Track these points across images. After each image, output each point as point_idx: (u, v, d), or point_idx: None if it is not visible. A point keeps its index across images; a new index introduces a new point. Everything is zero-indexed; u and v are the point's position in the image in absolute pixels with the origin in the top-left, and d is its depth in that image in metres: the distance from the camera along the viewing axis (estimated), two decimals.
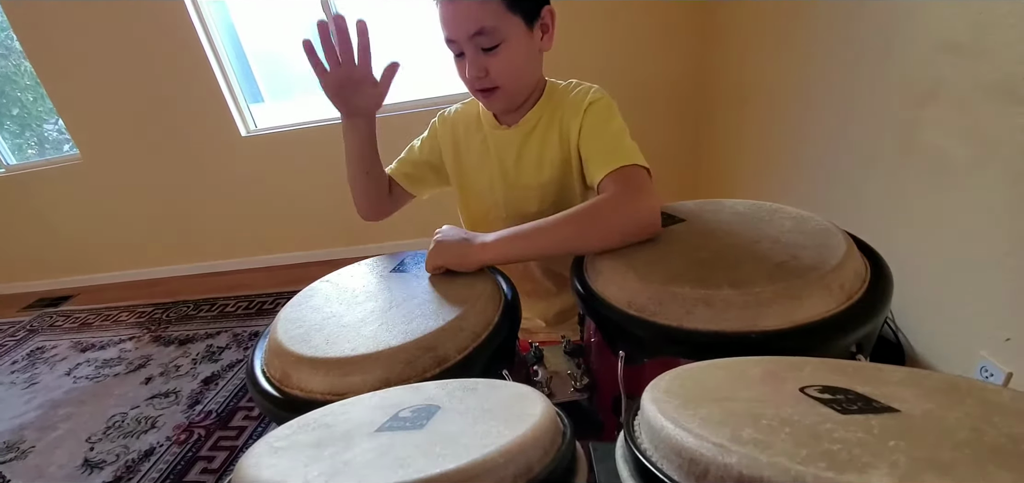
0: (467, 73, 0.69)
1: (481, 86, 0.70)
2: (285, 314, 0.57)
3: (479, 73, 0.68)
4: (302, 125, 2.58)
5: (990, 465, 0.19)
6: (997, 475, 0.18)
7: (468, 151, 0.83)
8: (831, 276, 0.48)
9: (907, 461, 0.19)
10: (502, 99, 0.73)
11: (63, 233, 3.05)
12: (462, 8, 0.64)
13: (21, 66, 2.67)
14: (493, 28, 0.65)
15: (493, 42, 0.66)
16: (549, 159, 0.76)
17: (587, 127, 0.71)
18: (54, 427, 1.83)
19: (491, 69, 0.68)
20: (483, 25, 0.64)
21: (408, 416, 0.30)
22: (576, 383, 0.62)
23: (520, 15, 0.66)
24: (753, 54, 1.79)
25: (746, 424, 0.23)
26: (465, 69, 0.69)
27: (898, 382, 0.29)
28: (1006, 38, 0.90)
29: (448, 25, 0.66)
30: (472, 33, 0.65)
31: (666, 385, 0.30)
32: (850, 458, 0.19)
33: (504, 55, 0.67)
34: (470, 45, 0.66)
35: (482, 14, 0.64)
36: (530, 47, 0.70)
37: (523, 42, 0.68)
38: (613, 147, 0.67)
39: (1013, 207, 0.93)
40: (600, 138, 0.69)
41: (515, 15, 0.66)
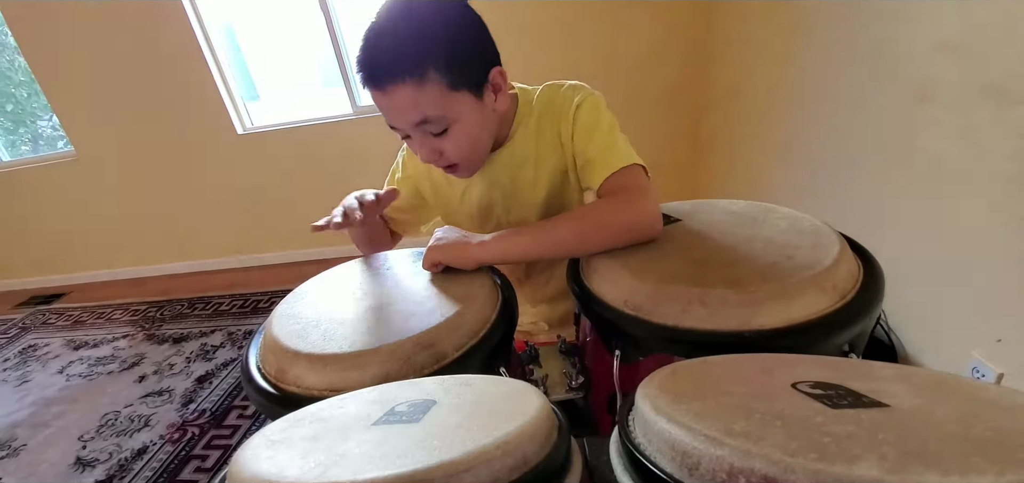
0: (420, 156, 0.64)
1: (439, 165, 0.66)
2: (281, 310, 0.57)
3: (433, 157, 0.63)
4: (298, 123, 2.57)
5: (976, 457, 0.19)
6: (983, 466, 0.18)
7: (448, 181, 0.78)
8: (825, 276, 0.49)
9: (895, 453, 0.19)
10: (465, 170, 0.69)
11: (57, 230, 3.03)
12: (399, 97, 0.56)
13: (15, 62, 2.65)
14: (439, 116, 0.58)
15: (441, 128, 0.60)
16: (547, 169, 0.72)
17: (579, 128, 0.68)
18: (46, 425, 1.82)
19: (445, 150, 0.63)
20: (426, 115, 0.58)
21: (404, 410, 0.30)
22: (571, 382, 0.62)
23: (466, 89, 0.59)
24: (749, 55, 1.80)
25: (738, 417, 0.23)
26: (416, 149, 0.64)
27: (888, 378, 0.29)
28: (998, 39, 0.91)
29: (387, 114, 0.60)
30: (416, 122, 0.59)
31: (660, 381, 0.31)
32: (840, 450, 0.20)
33: (456, 135, 0.61)
34: (417, 131, 0.61)
35: (422, 103, 0.57)
36: (483, 116, 0.63)
37: (475, 115, 0.62)
38: (609, 148, 0.65)
39: (1005, 208, 0.94)
40: (594, 140, 0.67)
41: (460, 92, 0.59)
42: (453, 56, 0.56)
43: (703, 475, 0.21)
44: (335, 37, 2.33)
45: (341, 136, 2.51)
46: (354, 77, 2.43)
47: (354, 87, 2.45)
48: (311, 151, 2.57)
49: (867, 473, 0.18)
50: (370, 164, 2.47)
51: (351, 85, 2.44)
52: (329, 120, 2.53)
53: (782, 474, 0.19)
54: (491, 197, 0.76)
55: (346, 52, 2.37)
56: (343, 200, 0.70)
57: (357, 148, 2.50)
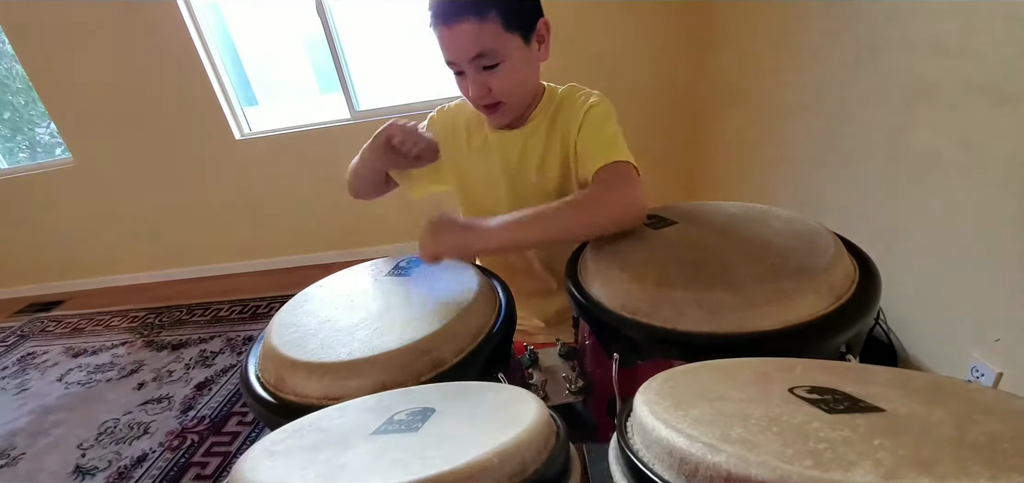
0: (470, 92, 0.71)
1: (484, 103, 0.72)
2: (280, 319, 0.57)
3: (482, 92, 0.70)
4: (296, 129, 2.57)
5: (970, 462, 0.19)
6: (977, 471, 0.18)
7: (469, 147, 0.84)
8: (821, 277, 0.49)
9: (891, 459, 0.19)
10: (506, 114, 0.75)
11: (55, 237, 3.02)
12: (461, 32, 0.65)
13: (13, 70, 2.65)
14: (492, 49, 0.66)
15: (493, 61, 0.67)
16: (551, 162, 0.77)
17: (585, 127, 0.73)
18: (45, 433, 1.81)
19: (493, 87, 0.70)
20: (483, 47, 0.66)
21: (403, 419, 0.30)
22: (571, 386, 0.62)
23: (517, 32, 0.68)
24: (747, 57, 1.81)
25: (735, 424, 0.23)
26: (464, 89, 0.72)
27: (884, 382, 0.29)
28: (994, 40, 0.92)
29: (448, 49, 0.68)
30: (472, 56, 0.66)
31: (658, 387, 0.31)
32: (835, 456, 0.20)
33: (505, 72, 0.69)
34: (471, 66, 0.68)
35: (481, 37, 0.65)
36: (529, 61, 0.72)
37: (522, 58, 0.70)
38: (607, 145, 0.70)
39: (1003, 208, 0.94)
40: (596, 137, 0.72)
41: (513, 33, 0.67)
42: (508, 1, 0.66)
43: (700, 482, 0.21)
44: (333, 42, 2.33)
45: (339, 141, 2.51)
46: (351, 82, 2.44)
47: (352, 92, 2.45)
48: (309, 156, 2.57)
49: (862, 480, 0.18)
50: None
51: (349, 90, 2.44)
52: (327, 125, 2.53)
53: (778, 481, 0.19)
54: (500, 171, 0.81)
55: (344, 57, 2.38)
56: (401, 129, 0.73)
57: (355, 153, 2.49)
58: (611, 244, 0.63)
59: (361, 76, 2.48)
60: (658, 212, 0.70)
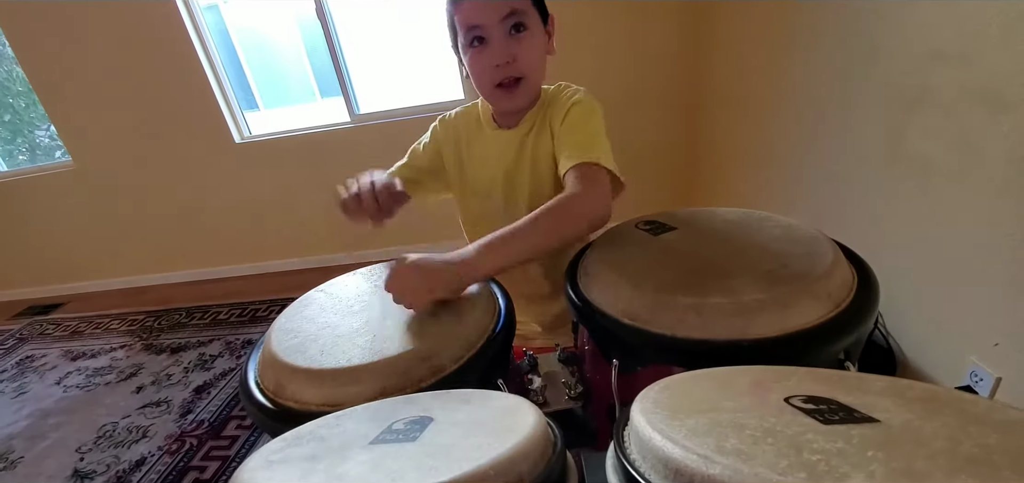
0: (495, 59, 0.69)
1: (507, 74, 0.71)
2: (279, 324, 0.57)
3: (508, 58, 0.69)
4: (296, 132, 2.58)
5: (963, 474, 0.19)
6: None
7: (470, 152, 0.84)
8: (819, 284, 0.49)
9: (883, 471, 0.19)
10: (524, 93, 0.74)
11: (54, 240, 3.02)
12: None
13: (13, 72, 2.66)
14: (523, 11, 0.68)
15: (522, 23, 0.68)
16: (543, 156, 0.78)
17: (565, 122, 0.73)
18: (44, 437, 1.81)
19: (519, 55, 0.70)
20: (514, 5, 0.67)
21: (401, 428, 0.30)
22: (570, 391, 0.62)
23: (538, 11, 0.71)
24: (745, 61, 1.81)
25: (730, 435, 0.24)
26: (487, 61, 0.70)
27: (880, 392, 0.29)
28: (990, 46, 0.92)
29: (476, 12, 0.68)
30: (504, 15, 0.67)
31: (655, 396, 0.31)
32: (829, 468, 0.20)
33: (529, 42, 0.70)
34: (499, 29, 0.68)
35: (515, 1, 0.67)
36: (544, 44, 0.74)
37: (541, 37, 0.72)
38: (584, 143, 0.69)
39: (1000, 213, 0.94)
40: (572, 134, 0.72)
41: (536, 9, 0.70)
42: None
43: None
44: (333, 46, 2.34)
45: (339, 145, 2.52)
46: (352, 86, 2.44)
47: (352, 95, 2.46)
48: (309, 160, 2.58)
49: None
50: None
51: (350, 94, 2.45)
52: (327, 129, 2.53)
53: None
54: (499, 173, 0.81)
55: (344, 61, 2.38)
56: (360, 181, 0.70)
57: (355, 157, 2.49)
58: (611, 249, 0.63)
59: (361, 80, 2.49)
60: (658, 218, 0.70)
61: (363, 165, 2.44)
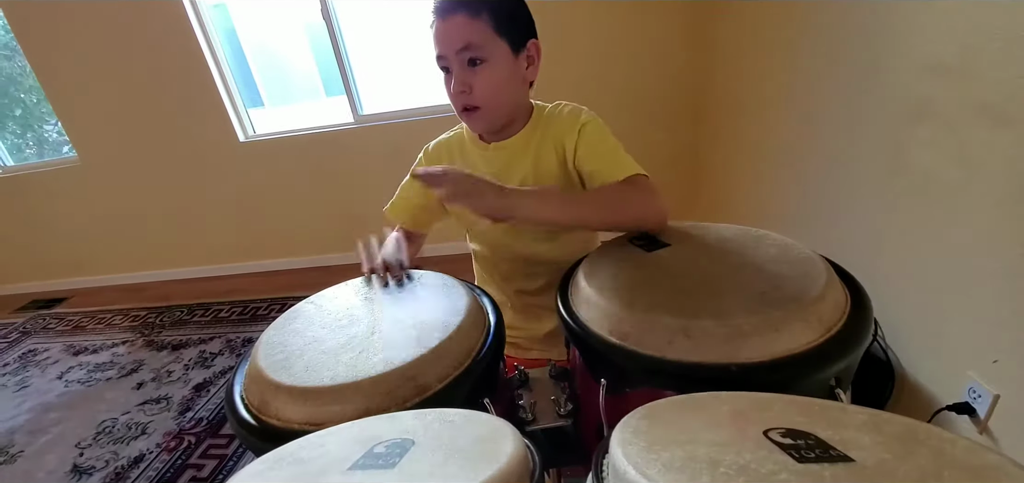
0: (454, 87, 0.72)
1: (463, 103, 0.73)
2: (267, 337, 0.57)
3: (463, 88, 0.72)
4: (299, 132, 2.59)
5: None
6: None
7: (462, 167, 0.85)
8: (810, 308, 0.49)
9: None
10: (482, 119, 0.76)
11: (59, 235, 3.05)
12: (453, 24, 0.68)
13: (25, 67, 2.68)
14: (479, 45, 0.69)
15: (478, 57, 0.70)
16: (544, 173, 0.78)
17: (585, 147, 0.75)
18: (44, 431, 1.82)
19: (474, 86, 0.71)
20: (470, 41, 0.69)
21: (382, 452, 0.30)
22: (560, 409, 0.62)
23: (506, 40, 0.71)
24: (747, 72, 1.81)
25: (704, 472, 0.24)
26: (451, 88, 0.73)
27: (859, 426, 0.29)
28: (992, 60, 0.91)
29: (439, 41, 0.71)
30: (458, 48, 0.69)
31: (635, 424, 0.31)
32: None
33: (486, 74, 0.71)
34: (456, 60, 0.70)
35: (470, 31, 0.69)
36: (513, 72, 0.74)
37: (506, 65, 0.72)
38: (617, 161, 0.72)
39: (1001, 228, 0.94)
40: (601, 153, 0.74)
41: (501, 39, 0.70)
42: (502, 8, 0.70)
43: None
44: (337, 46, 2.35)
45: (342, 144, 2.53)
46: (355, 86, 2.46)
47: (356, 96, 2.47)
48: (312, 159, 2.59)
49: None
50: (371, 173, 2.49)
51: (353, 94, 2.46)
52: (331, 129, 2.54)
53: None
54: None
55: (348, 61, 2.40)
56: (383, 253, 0.77)
57: (358, 156, 2.51)
58: (603, 265, 0.63)
59: (365, 80, 2.50)
60: (652, 232, 0.70)
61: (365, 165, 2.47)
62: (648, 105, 2.24)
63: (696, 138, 2.30)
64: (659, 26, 2.09)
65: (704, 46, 2.09)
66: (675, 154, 2.34)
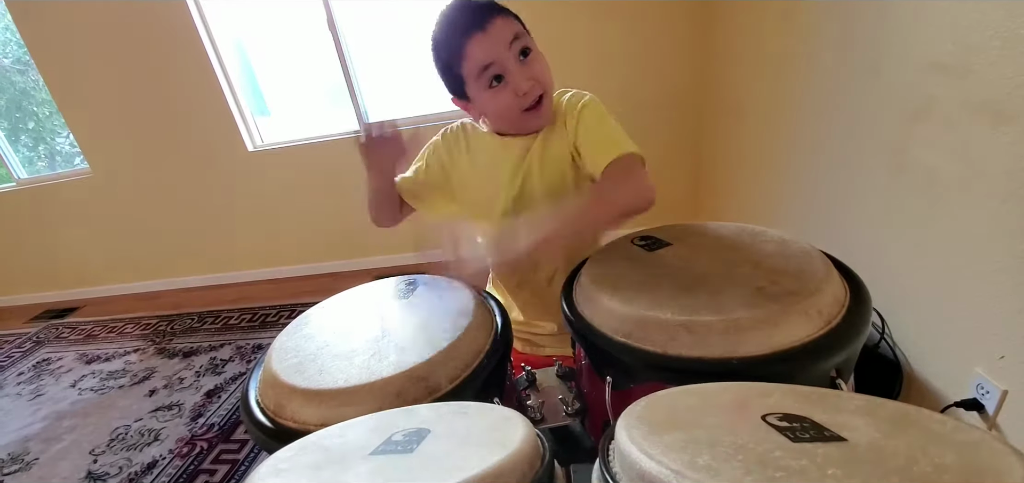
0: (519, 88, 0.73)
1: (532, 96, 0.74)
2: (280, 343, 0.58)
3: (530, 82, 0.73)
4: (307, 141, 2.63)
5: None
6: None
7: (474, 164, 0.87)
8: (810, 302, 0.50)
9: None
10: (548, 106, 0.78)
11: (71, 245, 3.10)
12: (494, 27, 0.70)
13: (38, 82, 2.74)
14: (523, 34, 0.72)
15: (527, 46, 0.73)
16: (554, 158, 0.80)
17: (583, 126, 0.76)
18: (58, 439, 1.85)
19: (537, 74, 0.73)
20: (517, 31, 0.72)
21: (400, 440, 0.32)
22: (567, 408, 0.63)
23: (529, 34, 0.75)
24: (749, 71, 1.82)
25: (704, 451, 0.25)
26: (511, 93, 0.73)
27: (854, 410, 0.31)
28: (992, 59, 0.92)
29: (486, 50, 0.71)
30: (510, 41, 0.71)
31: (639, 412, 0.33)
32: None
33: (539, 60, 0.75)
34: (511, 57, 0.71)
35: (511, 26, 0.72)
36: None
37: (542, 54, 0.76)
38: (610, 140, 0.73)
39: (1003, 224, 0.94)
40: (597, 134, 0.75)
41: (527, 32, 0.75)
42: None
43: None
44: (342, 56, 2.39)
45: (348, 153, 2.53)
46: (361, 95, 2.49)
47: (361, 104, 2.50)
48: (319, 167, 2.62)
49: None
50: None
51: (358, 102, 2.49)
52: (337, 137, 2.58)
53: None
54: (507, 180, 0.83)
55: (353, 70, 2.43)
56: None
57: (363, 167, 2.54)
58: (605, 266, 0.64)
59: (370, 89, 2.53)
60: (653, 233, 0.71)
61: None
62: (649, 107, 2.25)
63: (698, 139, 2.31)
64: (660, 27, 2.10)
65: (705, 47, 2.10)
66: (677, 155, 2.35)
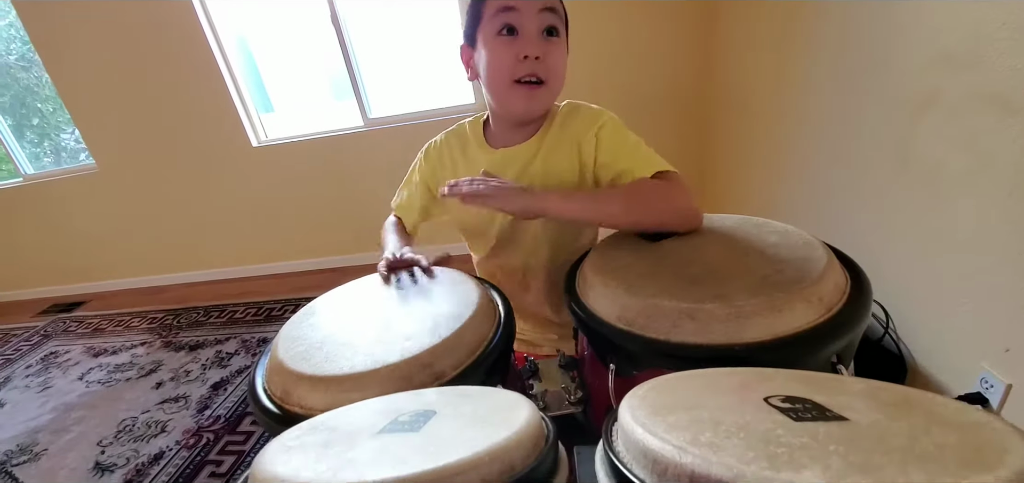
0: (524, 50, 0.66)
1: (531, 71, 0.68)
2: (286, 332, 0.59)
3: (538, 53, 0.67)
4: (311, 136, 2.64)
5: (913, 469, 0.21)
6: (915, 477, 0.20)
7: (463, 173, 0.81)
8: (812, 289, 0.50)
9: (840, 464, 0.21)
10: (542, 99, 0.72)
11: (77, 240, 3.13)
12: None
13: (42, 78, 2.76)
14: (559, 14, 0.68)
15: (555, 26, 0.68)
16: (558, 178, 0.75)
17: (605, 147, 0.72)
18: (67, 430, 1.87)
19: (548, 58, 0.68)
20: (554, 5, 0.67)
21: (406, 420, 0.33)
22: (570, 397, 0.64)
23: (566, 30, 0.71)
24: (754, 65, 1.81)
25: (706, 429, 0.26)
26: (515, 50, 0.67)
27: (856, 393, 0.31)
28: (1000, 49, 0.92)
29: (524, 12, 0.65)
30: (543, 7, 0.66)
31: (643, 394, 0.33)
32: (790, 460, 0.22)
33: (559, 50, 0.70)
34: (535, 21, 0.66)
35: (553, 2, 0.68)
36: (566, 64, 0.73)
37: (566, 54, 0.72)
38: (643, 158, 0.70)
39: (1010, 217, 0.94)
40: (625, 152, 0.71)
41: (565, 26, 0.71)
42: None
43: (669, 480, 0.23)
44: (346, 50, 2.39)
45: (352, 147, 2.57)
46: (364, 90, 2.49)
47: (365, 99, 2.51)
48: (323, 162, 2.63)
49: (809, 480, 0.20)
50: (380, 175, 2.53)
51: (362, 97, 2.50)
52: (341, 132, 2.59)
53: (734, 479, 0.21)
54: None
55: (357, 66, 2.44)
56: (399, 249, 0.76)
57: (368, 159, 2.56)
58: (609, 256, 0.65)
59: (373, 84, 2.54)
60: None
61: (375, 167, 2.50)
62: (653, 104, 2.25)
63: (702, 135, 2.30)
64: (663, 22, 2.10)
65: (709, 43, 2.09)
66: (681, 152, 2.35)
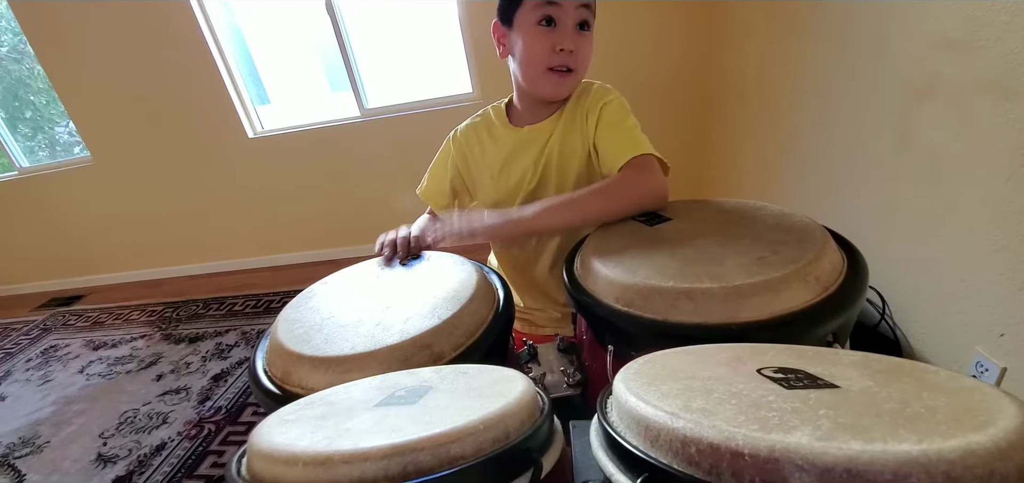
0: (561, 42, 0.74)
1: (564, 62, 0.76)
2: (286, 315, 0.59)
3: (572, 46, 0.75)
4: (307, 127, 2.62)
5: (903, 429, 0.21)
6: (905, 436, 0.20)
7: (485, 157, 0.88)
8: (808, 269, 0.50)
9: (830, 425, 0.21)
10: (570, 84, 0.79)
11: (75, 234, 3.12)
12: None
13: (34, 70, 2.73)
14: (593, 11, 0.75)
15: (588, 21, 0.75)
16: (572, 151, 0.81)
17: (603, 123, 0.77)
18: (68, 423, 1.88)
19: (580, 50, 0.76)
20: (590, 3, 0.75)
21: (403, 394, 0.33)
22: (569, 380, 0.64)
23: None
24: (753, 53, 1.81)
25: (698, 397, 0.26)
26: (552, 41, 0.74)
27: (849, 364, 0.31)
28: (999, 35, 0.91)
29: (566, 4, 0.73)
30: (581, 3, 0.73)
31: (637, 368, 0.33)
32: (780, 422, 0.22)
33: (589, 40, 0.77)
34: (573, 16, 0.73)
35: None
36: None
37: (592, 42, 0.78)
38: (629, 140, 0.74)
39: (1007, 203, 0.94)
40: (616, 133, 0.76)
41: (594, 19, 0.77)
42: None
43: (661, 446, 0.24)
44: (342, 41, 2.37)
45: (349, 138, 2.56)
46: (361, 80, 2.48)
47: (361, 90, 2.49)
48: (320, 153, 2.62)
49: (798, 441, 0.20)
50: (377, 165, 2.52)
51: (358, 88, 2.48)
52: (337, 123, 2.58)
53: (724, 441, 0.21)
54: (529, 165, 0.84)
55: (353, 56, 2.42)
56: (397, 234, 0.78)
57: (365, 150, 2.55)
58: (607, 239, 0.65)
59: (370, 74, 2.52)
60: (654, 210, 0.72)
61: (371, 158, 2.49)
62: (655, 94, 2.24)
63: (704, 124, 2.30)
64: (662, 11, 2.09)
65: (709, 31, 2.08)
66: (683, 142, 2.34)
